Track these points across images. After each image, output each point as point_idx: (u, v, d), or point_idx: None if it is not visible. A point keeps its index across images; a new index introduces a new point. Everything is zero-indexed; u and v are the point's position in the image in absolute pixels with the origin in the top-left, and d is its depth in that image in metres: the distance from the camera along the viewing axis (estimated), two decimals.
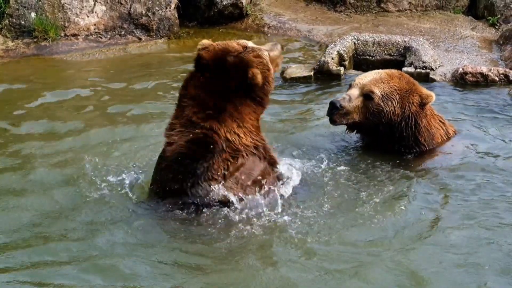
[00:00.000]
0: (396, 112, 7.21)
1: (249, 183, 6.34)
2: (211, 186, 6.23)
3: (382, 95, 7.18)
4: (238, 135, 6.31)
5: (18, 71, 11.27)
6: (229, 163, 6.26)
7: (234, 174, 6.29)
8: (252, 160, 6.37)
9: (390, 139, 7.38)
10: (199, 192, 6.23)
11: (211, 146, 6.23)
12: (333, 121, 7.29)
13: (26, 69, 11.34)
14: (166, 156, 6.35)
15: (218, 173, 6.23)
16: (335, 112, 7.19)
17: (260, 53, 6.48)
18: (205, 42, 6.53)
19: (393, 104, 7.18)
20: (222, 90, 6.30)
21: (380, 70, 7.52)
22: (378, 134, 7.37)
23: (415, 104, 7.26)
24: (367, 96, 7.21)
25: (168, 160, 6.32)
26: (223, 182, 6.24)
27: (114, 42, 12.45)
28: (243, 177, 6.32)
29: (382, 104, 7.18)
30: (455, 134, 7.77)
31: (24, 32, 12.21)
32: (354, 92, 7.27)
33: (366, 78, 7.36)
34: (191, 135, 6.28)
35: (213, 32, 12.90)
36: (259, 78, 6.30)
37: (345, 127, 7.55)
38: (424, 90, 7.40)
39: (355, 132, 7.59)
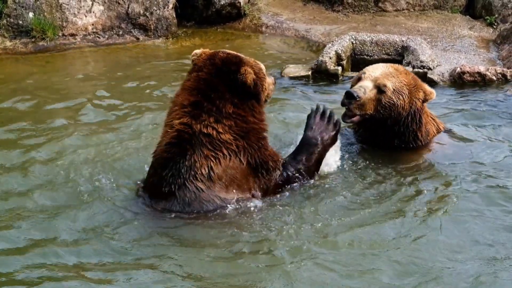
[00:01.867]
0: (405, 107, 7.22)
1: (236, 187, 6.29)
2: (198, 187, 6.16)
3: (394, 89, 7.19)
4: (216, 130, 6.23)
5: (15, 70, 11.26)
6: (212, 162, 6.17)
7: (221, 176, 6.21)
8: (237, 163, 6.28)
9: (393, 134, 7.37)
10: (186, 194, 6.17)
11: (188, 142, 6.20)
12: (349, 111, 7.17)
13: (23, 68, 11.32)
14: (152, 161, 6.44)
15: (202, 171, 6.14)
16: (352, 102, 7.11)
17: (257, 62, 6.53)
18: (198, 50, 6.58)
19: (403, 98, 7.19)
20: (203, 88, 6.32)
21: (386, 64, 7.49)
22: (384, 128, 7.35)
23: (420, 99, 7.28)
24: (380, 89, 7.21)
25: (154, 164, 6.40)
26: (210, 184, 6.18)
27: (112, 42, 12.45)
28: (230, 180, 6.25)
29: (394, 97, 7.18)
30: (446, 129, 7.80)
31: (22, 32, 12.20)
32: (368, 84, 7.23)
33: (376, 71, 7.34)
34: (169, 137, 6.32)
35: (211, 32, 12.90)
36: (250, 77, 6.28)
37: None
38: (426, 86, 7.44)
39: (357, 126, 7.59)
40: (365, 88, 7.18)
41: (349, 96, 7.12)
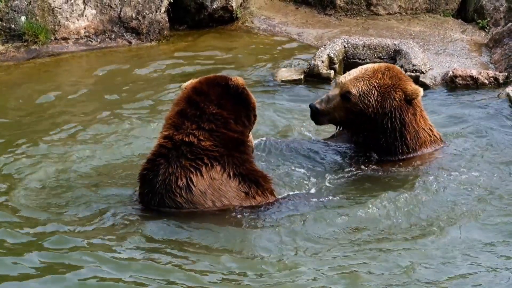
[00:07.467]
0: (377, 110, 7.15)
1: (222, 199, 6.08)
2: (177, 202, 6.00)
3: (359, 93, 7.16)
4: (197, 137, 6.05)
5: (8, 75, 11.23)
6: (191, 173, 5.98)
7: (203, 188, 6.02)
8: (221, 173, 6.06)
9: (377, 136, 7.28)
10: (167, 210, 6.04)
11: (164, 157, 6.04)
12: (316, 122, 7.47)
13: (15, 73, 11.31)
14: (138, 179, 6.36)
15: (179, 184, 5.96)
16: (313, 115, 7.33)
17: None
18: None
19: (371, 101, 7.12)
20: (190, 94, 6.19)
21: (367, 66, 7.42)
22: (366, 130, 7.30)
23: (398, 99, 7.13)
24: (344, 96, 7.22)
25: (140, 182, 6.30)
26: (190, 197, 6.01)
27: (104, 46, 12.42)
28: (213, 193, 6.04)
29: (359, 102, 7.16)
30: (442, 141, 7.63)
31: (14, 36, 12.16)
32: (334, 92, 7.33)
33: (348, 76, 7.34)
34: (150, 153, 6.24)
35: (203, 36, 12.89)
36: (241, 81, 6.20)
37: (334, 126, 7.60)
38: (409, 85, 7.22)
39: (341, 128, 7.56)
40: (329, 97, 7.26)
41: (310, 110, 7.32)
